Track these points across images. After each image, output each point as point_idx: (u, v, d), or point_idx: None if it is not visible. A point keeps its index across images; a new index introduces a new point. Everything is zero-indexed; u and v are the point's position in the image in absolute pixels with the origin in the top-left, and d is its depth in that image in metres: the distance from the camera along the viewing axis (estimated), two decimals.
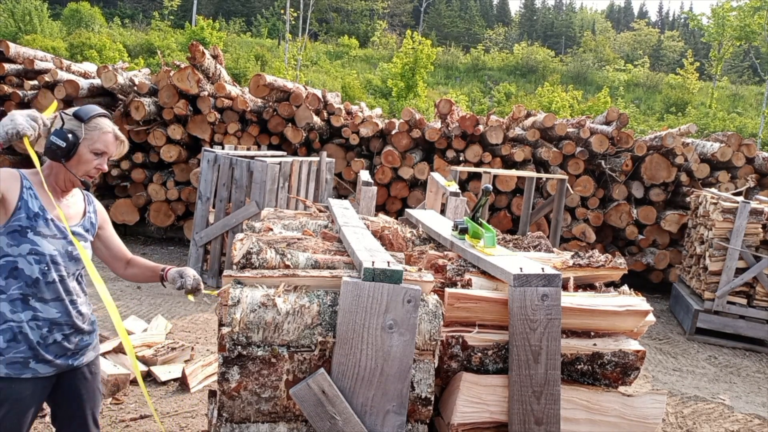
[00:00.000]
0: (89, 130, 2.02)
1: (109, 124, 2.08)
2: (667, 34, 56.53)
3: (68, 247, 2.04)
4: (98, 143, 2.03)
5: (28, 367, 1.96)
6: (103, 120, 2.07)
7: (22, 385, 1.96)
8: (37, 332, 1.96)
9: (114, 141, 2.08)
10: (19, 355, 1.94)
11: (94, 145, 2.02)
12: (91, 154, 2.03)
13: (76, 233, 2.06)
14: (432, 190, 4.50)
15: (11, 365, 1.93)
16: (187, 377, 3.91)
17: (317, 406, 1.47)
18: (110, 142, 2.07)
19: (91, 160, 2.04)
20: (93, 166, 2.04)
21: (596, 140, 7.46)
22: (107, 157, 2.09)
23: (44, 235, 1.97)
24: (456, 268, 1.84)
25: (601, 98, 25.19)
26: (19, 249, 1.93)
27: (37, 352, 1.96)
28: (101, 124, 2.05)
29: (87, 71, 8.33)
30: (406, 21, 54.87)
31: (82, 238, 2.10)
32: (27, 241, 1.94)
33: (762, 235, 5.92)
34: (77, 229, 2.09)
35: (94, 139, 2.02)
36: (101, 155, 2.05)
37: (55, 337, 2.00)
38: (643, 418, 1.65)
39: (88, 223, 2.16)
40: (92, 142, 2.02)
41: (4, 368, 1.93)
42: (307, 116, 7.38)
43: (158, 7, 42.81)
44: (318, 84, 25.77)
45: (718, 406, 4.62)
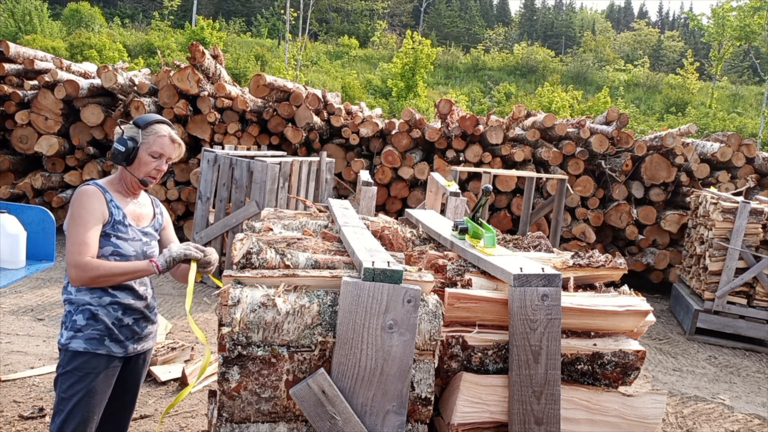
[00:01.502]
0: (146, 135, 2.20)
1: (166, 128, 2.24)
2: (667, 34, 56.51)
3: (144, 247, 2.25)
4: (155, 146, 2.20)
5: (103, 344, 2.15)
6: (160, 125, 2.24)
7: (98, 360, 2.15)
8: (112, 315, 2.17)
9: (171, 144, 2.24)
10: (96, 332, 2.14)
11: (151, 148, 2.19)
12: (149, 156, 2.20)
13: (147, 233, 2.28)
14: (432, 190, 4.50)
15: (89, 341, 2.13)
16: (187, 377, 3.91)
17: (317, 406, 1.47)
18: (166, 145, 2.23)
19: (150, 162, 2.20)
20: (152, 168, 2.21)
21: (596, 140, 7.46)
22: (166, 159, 2.24)
23: (125, 239, 2.19)
24: (456, 268, 1.84)
25: (601, 98, 25.17)
26: (102, 251, 2.13)
27: (112, 331, 2.16)
28: (157, 128, 2.22)
29: (87, 71, 8.33)
30: (406, 21, 54.86)
31: (153, 237, 2.31)
32: (110, 244, 2.15)
33: (762, 235, 5.91)
34: (149, 230, 2.30)
35: (151, 143, 2.19)
36: (159, 158, 2.22)
37: (127, 321, 2.21)
38: (643, 418, 1.65)
39: (157, 223, 2.36)
40: (149, 145, 2.19)
41: (83, 343, 2.13)
42: (307, 116, 7.38)
43: (158, 7, 42.80)
44: (318, 84, 25.77)
45: (718, 406, 4.62)
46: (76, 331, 2.13)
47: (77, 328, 2.13)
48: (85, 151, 7.54)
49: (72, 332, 2.14)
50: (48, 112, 7.38)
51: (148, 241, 2.27)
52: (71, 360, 2.12)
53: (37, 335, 4.58)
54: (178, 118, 7.39)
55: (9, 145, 7.71)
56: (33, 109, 7.37)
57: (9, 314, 4.97)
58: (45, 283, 5.85)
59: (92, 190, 2.15)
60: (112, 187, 2.24)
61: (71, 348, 2.12)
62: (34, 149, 7.42)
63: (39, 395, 3.65)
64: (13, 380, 3.81)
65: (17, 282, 4.11)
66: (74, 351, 2.12)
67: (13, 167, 7.73)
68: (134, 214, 2.26)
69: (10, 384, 3.76)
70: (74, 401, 2.09)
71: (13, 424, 3.32)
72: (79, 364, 2.12)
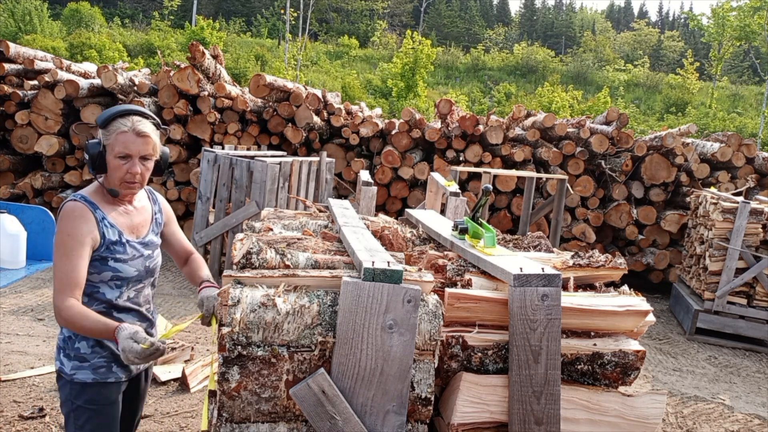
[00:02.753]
0: (107, 135, 1.91)
1: (128, 122, 1.91)
2: (667, 34, 56.52)
3: (146, 262, 2.04)
4: (117, 146, 1.89)
5: (111, 371, 1.99)
6: (122, 119, 1.91)
7: (109, 389, 2.00)
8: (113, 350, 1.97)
9: (137, 138, 1.90)
10: (102, 360, 1.98)
11: (114, 149, 1.90)
12: (116, 159, 1.90)
13: (149, 243, 2.06)
14: (432, 190, 4.50)
15: (97, 370, 1.97)
16: (187, 377, 3.91)
17: (317, 406, 1.47)
18: (131, 141, 1.89)
19: (119, 166, 1.90)
20: (124, 172, 1.91)
21: (596, 140, 7.46)
22: (137, 159, 1.92)
23: (124, 260, 1.96)
24: (456, 268, 1.84)
25: (601, 98, 25.18)
26: (100, 276, 1.94)
27: (117, 356, 1.95)
28: (118, 124, 1.91)
29: (87, 71, 8.33)
30: (406, 21, 54.86)
31: (154, 246, 2.09)
32: (108, 268, 1.94)
33: (762, 235, 5.91)
34: (149, 238, 2.07)
35: (113, 143, 1.90)
36: (126, 158, 1.90)
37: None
38: (643, 418, 1.65)
39: (156, 226, 2.13)
40: (112, 147, 1.90)
41: (91, 373, 1.96)
42: (307, 116, 7.38)
43: (158, 7, 42.80)
44: (318, 84, 25.77)
45: (718, 406, 4.62)
46: (81, 361, 1.96)
47: (82, 357, 1.96)
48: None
49: (77, 362, 1.96)
50: (48, 112, 7.38)
51: (150, 254, 2.06)
52: (81, 393, 1.95)
53: (37, 335, 4.58)
54: (178, 118, 7.39)
55: (9, 145, 7.71)
56: (33, 109, 7.38)
57: (9, 314, 4.97)
58: (45, 283, 5.85)
59: (80, 209, 1.89)
60: (101, 199, 1.96)
61: (78, 380, 1.95)
62: (34, 149, 7.42)
63: (39, 395, 3.65)
64: (13, 380, 3.81)
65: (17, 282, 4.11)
66: (82, 383, 1.95)
67: (13, 167, 7.73)
68: (131, 227, 2.01)
69: (10, 384, 3.76)
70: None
71: (13, 424, 3.32)
72: (90, 397, 1.96)
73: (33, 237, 3.97)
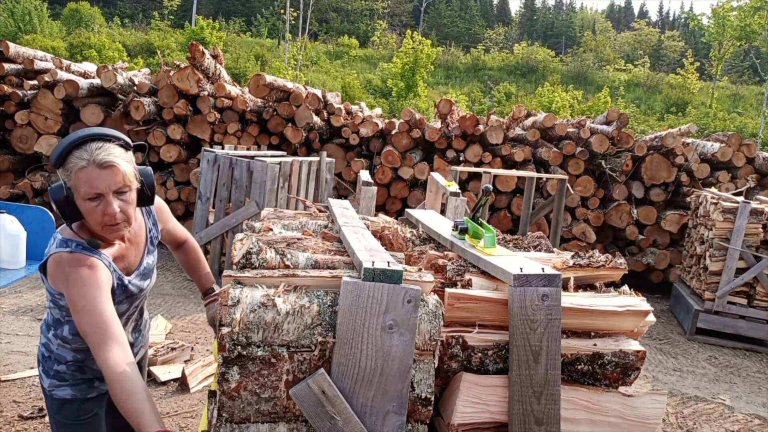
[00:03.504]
0: (66, 175, 1.57)
1: (83, 154, 1.54)
2: (668, 33, 56.53)
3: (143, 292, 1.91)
4: (81, 187, 1.55)
5: (93, 386, 1.91)
6: (77, 151, 1.54)
7: (91, 403, 1.91)
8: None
9: (101, 173, 1.54)
10: (83, 378, 1.89)
11: (79, 191, 1.56)
12: (86, 202, 1.57)
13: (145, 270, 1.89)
14: (432, 190, 4.50)
15: (76, 386, 1.87)
16: (187, 377, 3.91)
17: (317, 407, 1.47)
18: (93, 178, 1.54)
19: (93, 210, 1.58)
20: (100, 216, 1.59)
21: (596, 140, 7.45)
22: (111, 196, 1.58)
23: (121, 301, 1.81)
24: (456, 268, 1.83)
25: (601, 98, 25.18)
26: None
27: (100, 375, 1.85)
28: (73, 159, 1.54)
29: (87, 71, 8.32)
30: (406, 21, 54.86)
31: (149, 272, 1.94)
32: None
33: (762, 235, 5.91)
34: (145, 264, 1.90)
35: (76, 184, 1.56)
36: (96, 198, 1.57)
37: None
38: (644, 419, 1.65)
39: (152, 244, 1.95)
40: (77, 188, 1.56)
41: (70, 390, 1.86)
42: (307, 116, 7.37)
43: (158, 7, 42.79)
44: (318, 84, 25.77)
45: (718, 406, 4.62)
46: (60, 380, 1.85)
47: (61, 377, 1.84)
48: None
49: (56, 381, 1.84)
50: (48, 112, 7.38)
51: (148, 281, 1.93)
52: (60, 409, 1.85)
53: (36, 335, 4.58)
54: (178, 118, 7.39)
55: (9, 145, 7.70)
56: (33, 109, 7.37)
57: (9, 314, 4.97)
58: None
59: (87, 260, 1.60)
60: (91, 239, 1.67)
61: (57, 396, 1.84)
62: (33, 149, 7.42)
63: (39, 395, 3.65)
64: (12, 380, 3.81)
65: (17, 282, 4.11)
66: (62, 399, 1.84)
67: (13, 167, 7.72)
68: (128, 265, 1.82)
69: (10, 384, 3.76)
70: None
71: (13, 425, 3.32)
72: (70, 413, 1.85)
73: (33, 237, 3.97)
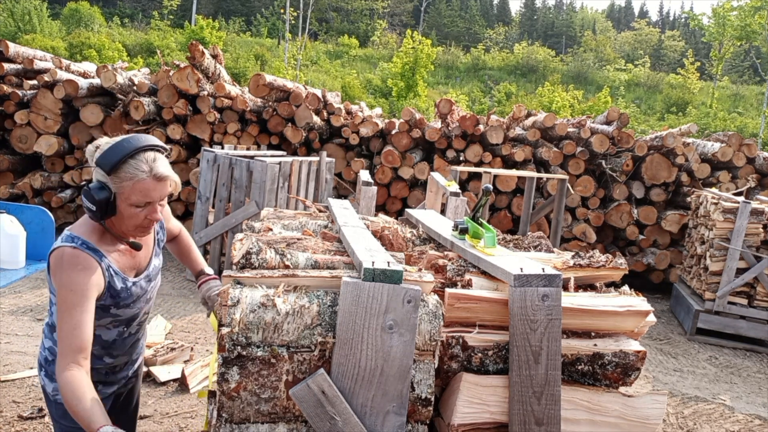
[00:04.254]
0: (118, 181, 1.64)
1: (143, 165, 1.63)
2: (668, 33, 56.54)
3: (148, 295, 1.93)
4: (134, 195, 1.64)
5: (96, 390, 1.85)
6: (135, 163, 1.63)
7: None
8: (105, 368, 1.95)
9: (157, 185, 1.65)
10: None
11: (129, 198, 1.65)
12: (132, 208, 1.66)
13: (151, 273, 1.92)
14: (432, 190, 4.49)
15: None
16: (187, 378, 3.91)
17: (317, 407, 1.46)
18: (150, 189, 1.64)
19: (136, 215, 1.68)
20: (141, 220, 1.69)
21: (597, 140, 7.45)
22: (157, 204, 1.69)
23: (127, 304, 1.84)
24: (456, 268, 1.83)
25: (601, 98, 25.17)
26: (99, 321, 1.80)
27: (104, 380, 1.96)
28: (131, 170, 1.62)
29: (86, 71, 8.32)
30: (406, 20, 54.86)
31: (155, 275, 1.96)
32: (109, 315, 1.83)
33: (763, 235, 5.91)
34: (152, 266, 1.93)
35: (128, 192, 1.64)
36: (146, 206, 1.68)
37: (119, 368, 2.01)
38: (644, 419, 1.65)
39: (158, 246, 1.99)
40: (126, 195, 1.65)
41: None
42: (306, 116, 7.37)
43: (158, 7, 42.79)
44: (318, 84, 25.77)
45: (718, 406, 4.62)
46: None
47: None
48: (84, 151, 7.54)
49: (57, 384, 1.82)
50: (47, 111, 7.38)
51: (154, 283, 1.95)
52: (66, 414, 1.81)
53: (36, 335, 4.58)
54: (178, 118, 7.39)
55: (8, 145, 7.70)
56: (32, 109, 7.37)
57: (8, 314, 4.97)
58: (44, 283, 5.85)
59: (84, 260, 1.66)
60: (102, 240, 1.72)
61: (60, 401, 1.85)
62: (33, 149, 7.41)
63: (38, 395, 3.64)
64: (12, 380, 3.81)
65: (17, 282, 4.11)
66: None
67: (13, 167, 7.72)
68: (135, 265, 1.86)
69: (10, 384, 3.76)
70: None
71: (13, 425, 3.32)
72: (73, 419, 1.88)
73: (32, 237, 3.97)
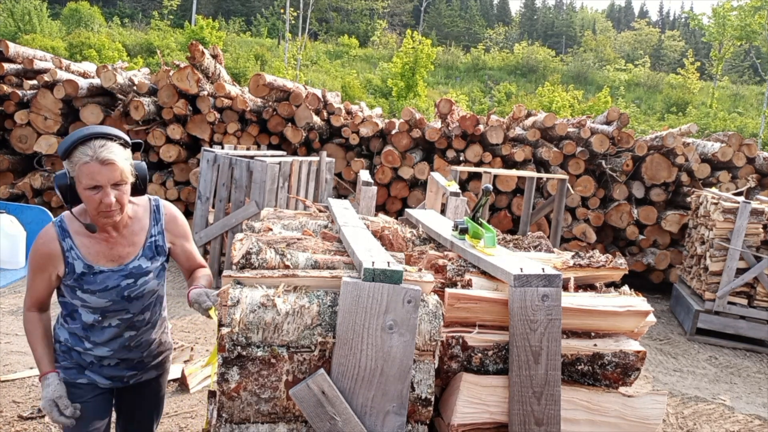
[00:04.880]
0: (72, 166, 1.79)
1: (87, 150, 1.76)
2: (668, 33, 56.51)
3: (124, 292, 1.94)
4: (83, 178, 1.77)
5: (83, 374, 2.01)
6: (82, 148, 1.77)
7: (81, 389, 1.99)
8: (89, 356, 2.01)
9: (101, 168, 1.75)
10: (71, 364, 2.01)
11: (81, 181, 1.78)
12: (86, 191, 1.78)
13: (133, 272, 1.95)
14: (432, 190, 4.49)
15: (67, 370, 1.99)
16: (187, 378, 3.91)
17: (317, 407, 1.46)
18: (95, 172, 1.75)
19: (91, 198, 1.78)
20: (97, 204, 1.79)
21: (597, 140, 7.45)
22: (109, 187, 1.78)
23: (92, 291, 1.91)
24: (456, 268, 1.83)
25: (601, 98, 25.15)
26: (73, 300, 1.96)
27: (89, 368, 2.02)
28: (78, 154, 1.76)
29: (86, 71, 8.32)
30: (406, 20, 54.85)
31: (144, 272, 1.97)
32: (77, 297, 1.93)
33: (763, 235, 5.91)
34: (135, 265, 1.95)
35: (79, 176, 1.78)
36: (96, 189, 1.77)
37: (108, 362, 2.03)
38: (644, 419, 1.65)
39: (151, 250, 2.00)
40: (79, 179, 1.78)
41: (62, 372, 1.97)
42: (306, 116, 7.37)
43: (158, 7, 42.78)
44: (318, 84, 25.76)
45: (718, 406, 4.62)
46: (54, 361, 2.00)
47: (55, 358, 2.00)
48: None
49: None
50: (47, 111, 7.38)
51: (131, 283, 1.95)
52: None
53: None
54: (178, 118, 7.39)
55: (8, 145, 7.70)
56: (32, 109, 7.37)
57: (8, 314, 4.97)
58: None
59: (47, 239, 1.87)
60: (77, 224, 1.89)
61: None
62: (33, 149, 7.41)
63: (38, 395, 3.64)
64: (12, 380, 3.81)
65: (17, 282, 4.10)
66: None
67: (13, 167, 7.72)
68: (109, 255, 1.91)
69: (10, 384, 3.76)
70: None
71: (12, 425, 3.32)
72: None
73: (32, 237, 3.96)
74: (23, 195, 7.58)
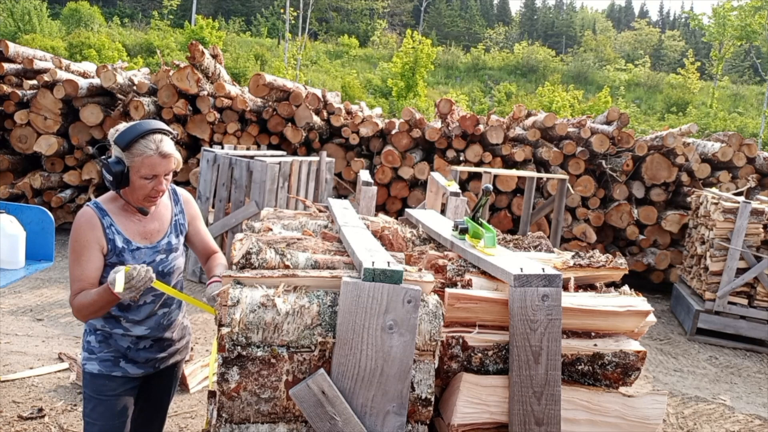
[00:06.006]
0: (132, 157, 1.95)
1: (152, 144, 1.95)
2: (668, 33, 56.51)
3: (159, 267, 2.08)
4: (143, 169, 1.95)
5: (118, 365, 2.09)
6: (145, 141, 1.95)
7: (115, 382, 2.09)
8: (126, 340, 2.09)
9: (162, 161, 1.96)
10: (109, 355, 2.09)
11: (140, 171, 1.95)
12: (141, 180, 1.97)
13: (162, 248, 2.09)
14: (432, 190, 4.49)
15: (103, 362, 2.08)
16: (187, 378, 3.91)
17: (317, 407, 1.46)
18: (156, 164, 1.96)
19: (145, 185, 1.98)
20: (150, 189, 1.98)
21: (597, 140, 7.45)
22: (162, 178, 1.99)
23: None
24: (456, 268, 1.83)
25: (601, 98, 25.15)
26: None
27: (126, 355, 2.10)
28: (141, 147, 1.94)
29: (86, 71, 8.32)
30: (406, 20, 54.86)
31: (171, 250, 2.13)
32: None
33: (763, 235, 5.91)
34: (164, 243, 2.10)
35: (138, 166, 1.95)
36: (152, 179, 1.97)
37: (144, 345, 2.12)
38: (644, 419, 1.64)
39: (176, 229, 2.16)
40: (137, 169, 1.95)
41: (97, 365, 2.08)
42: (306, 116, 7.37)
43: (157, 7, 42.77)
44: (318, 84, 25.76)
45: (718, 406, 4.62)
46: (90, 353, 2.09)
47: (90, 350, 2.09)
48: (84, 151, 7.54)
49: (87, 353, 2.10)
50: (47, 111, 7.37)
51: (163, 258, 2.10)
52: (89, 382, 2.09)
53: (36, 335, 4.58)
54: (178, 118, 7.38)
55: (8, 145, 7.70)
56: (32, 109, 7.37)
57: (8, 314, 4.97)
58: (44, 283, 5.84)
59: (87, 216, 1.99)
60: (114, 205, 2.04)
61: (87, 370, 2.09)
62: (33, 149, 7.41)
63: (38, 395, 3.64)
64: (12, 380, 3.81)
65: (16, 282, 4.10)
66: (90, 373, 2.08)
67: (12, 167, 7.72)
68: (144, 233, 2.07)
69: (9, 384, 3.76)
70: (98, 426, 2.07)
71: (12, 425, 3.31)
72: (96, 387, 2.08)
73: (32, 237, 3.96)
74: (23, 195, 7.58)
